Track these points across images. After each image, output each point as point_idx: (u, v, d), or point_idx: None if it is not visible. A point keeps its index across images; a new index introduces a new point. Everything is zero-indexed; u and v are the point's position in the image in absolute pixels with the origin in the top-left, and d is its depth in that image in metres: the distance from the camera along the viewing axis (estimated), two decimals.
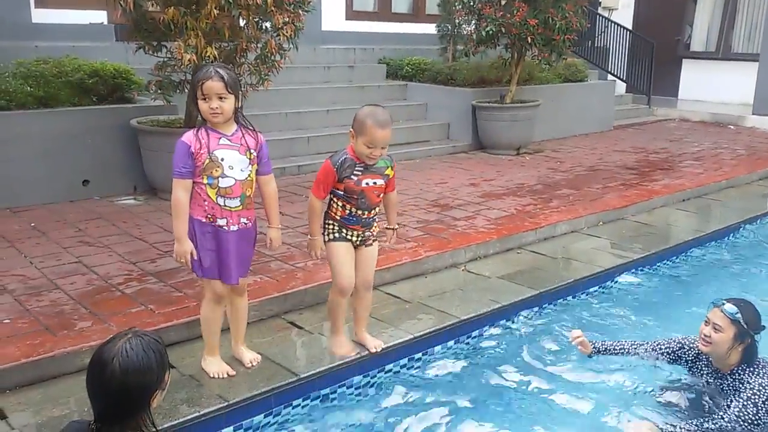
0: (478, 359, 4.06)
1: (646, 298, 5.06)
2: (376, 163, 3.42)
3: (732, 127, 12.42)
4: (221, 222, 3.25)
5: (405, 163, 8.52)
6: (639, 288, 5.27)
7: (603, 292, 5.12)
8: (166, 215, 5.95)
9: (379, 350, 3.77)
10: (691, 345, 3.67)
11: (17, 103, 6.22)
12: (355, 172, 3.39)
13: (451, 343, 4.19)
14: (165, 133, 6.36)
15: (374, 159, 3.36)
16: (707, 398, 3.49)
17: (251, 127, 3.35)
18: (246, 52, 6.25)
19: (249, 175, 3.28)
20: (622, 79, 13.49)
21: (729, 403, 3.30)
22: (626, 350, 3.84)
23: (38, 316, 3.89)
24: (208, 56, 5.77)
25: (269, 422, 3.36)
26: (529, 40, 8.80)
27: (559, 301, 4.86)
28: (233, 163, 3.21)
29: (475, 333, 4.32)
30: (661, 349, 3.77)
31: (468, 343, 4.25)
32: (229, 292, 3.47)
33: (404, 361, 3.96)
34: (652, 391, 3.70)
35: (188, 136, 3.21)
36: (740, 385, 3.31)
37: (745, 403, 3.21)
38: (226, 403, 3.25)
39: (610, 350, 3.86)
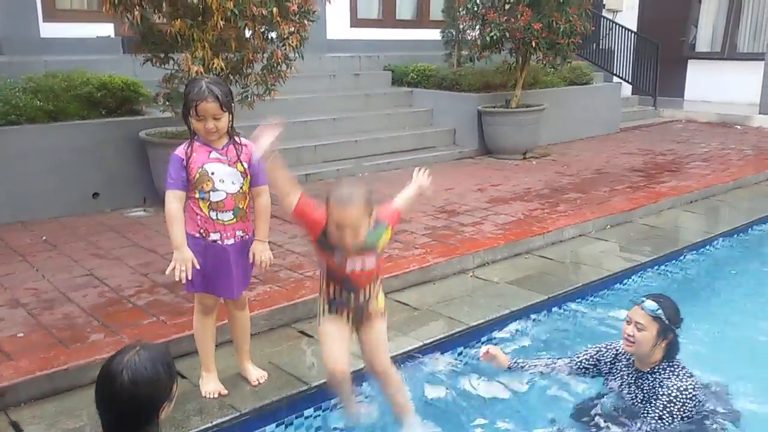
0: (486, 365, 4.05)
1: None
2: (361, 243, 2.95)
3: (739, 127, 12.39)
4: (214, 236, 3.23)
5: (411, 170, 8.47)
6: (648, 291, 5.25)
7: (612, 296, 5.11)
8: None
9: None
10: (609, 348, 3.67)
11: (27, 118, 6.30)
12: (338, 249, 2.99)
13: (460, 349, 4.20)
14: (173, 144, 6.32)
15: (346, 244, 2.91)
16: (623, 409, 3.43)
17: (242, 140, 3.29)
18: (252, 63, 6.31)
19: (241, 188, 3.25)
20: (627, 81, 13.48)
21: (646, 410, 3.27)
22: (545, 368, 3.81)
23: (51, 329, 3.94)
24: (215, 67, 5.82)
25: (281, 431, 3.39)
26: (534, 44, 8.82)
27: (568, 305, 4.86)
28: (223, 177, 3.19)
29: (484, 339, 4.33)
30: (579, 360, 3.75)
31: (477, 350, 4.25)
32: (228, 307, 3.48)
33: (414, 368, 3.96)
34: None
35: (180, 150, 3.20)
36: (659, 386, 3.30)
37: (662, 413, 3.21)
38: (237, 413, 3.27)
39: (526, 368, 3.83)
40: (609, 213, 6.56)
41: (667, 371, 3.33)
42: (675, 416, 3.20)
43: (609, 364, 3.63)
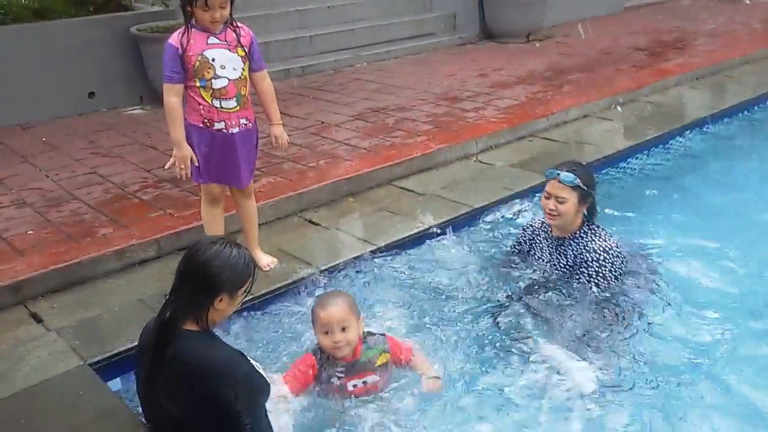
0: (491, 245, 4.09)
1: (661, 177, 5.05)
2: (359, 359, 2.75)
3: (748, 1, 11.94)
4: (219, 125, 3.21)
5: (411, 58, 8.36)
6: (653, 167, 5.25)
7: (618, 173, 5.11)
8: None
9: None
10: (525, 228, 3.67)
11: (13, 18, 6.11)
12: (337, 373, 2.74)
13: (465, 230, 4.23)
14: (166, 39, 6.25)
15: (340, 349, 2.69)
16: (552, 280, 3.41)
17: (238, 23, 3.23)
18: None
19: (242, 74, 3.21)
20: None
21: (577, 276, 3.27)
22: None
23: (60, 225, 3.98)
24: None
25: (294, 311, 3.46)
26: None
27: None
28: (224, 62, 3.14)
29: (488, 219, 4.36)
30: (509, 253, 3.73)
31: (482, 230, 4.29)
32: (235, 196, 3.49)
33: (422, 249, 4.01)
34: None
35: (175, 38, 3.12)
36: (585, 251, 3.28)
37: (596, 279, 3.23)
38: (251, 296, 3.34)
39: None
40: (614, 92, 6.44)
41: (589, 234, 3.33)
42: (608, 278, 3.25)
43: (529, 242, 3.63)
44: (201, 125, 3.21)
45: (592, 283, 3.26)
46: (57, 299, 3.41)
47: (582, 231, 3.35)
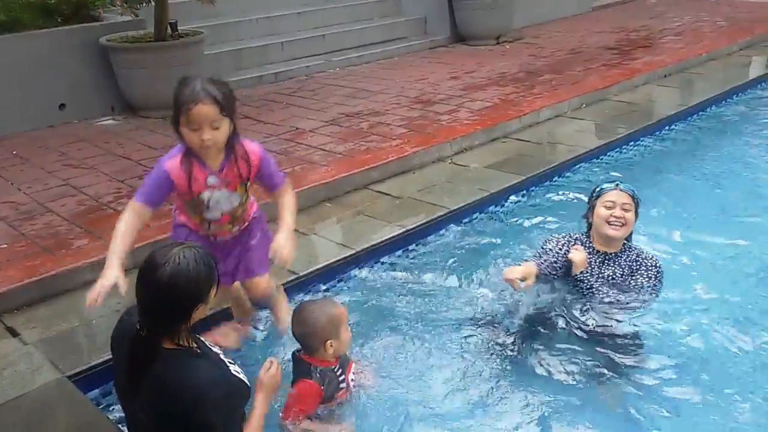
0: (469, 247, 4.14)
1: (632, 175, 5.12)
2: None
3: None
4: (206, 233, 2.87)
5: (382, 63, 8.40)
6: (624, 165, 5.33)
7: (589, 173, 5.17)
8: (147, 132, 5.92)
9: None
10: (560, 246, 3.32)
11: None
12: (338, 377, 2.72)
13: (442, 233, 4.27)
14: (136, 49, 6.22)
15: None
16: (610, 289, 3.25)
17: (244, 149, 2.73)
18: None
19: (240, 202, 2.81)
20: None
21: (638, 283, 3.21)
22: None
23: (35, 238, 3.94)
24: None
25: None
26: None
27: (545, 184, 4.93)
28: (220, 200, 2.74)
29: (465, 221, 4.40)
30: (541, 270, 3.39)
31: (459, 232, 4.32)
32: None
33: (399, 253, 4.04)
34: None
35: (174, 168, 2.63)
36: (641, 259, 3.25)
37: (656, 285, 3.23)
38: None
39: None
40: (584, 92, 6.54)
41: (633, 248, 3.30)
42: (662, 283, 3.28)
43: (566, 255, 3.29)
44: (187, 227, 2.85)
45: (655, 291, 3.21)
46: (33, 312, 3.37)
47: (626, 245, 3.29)
